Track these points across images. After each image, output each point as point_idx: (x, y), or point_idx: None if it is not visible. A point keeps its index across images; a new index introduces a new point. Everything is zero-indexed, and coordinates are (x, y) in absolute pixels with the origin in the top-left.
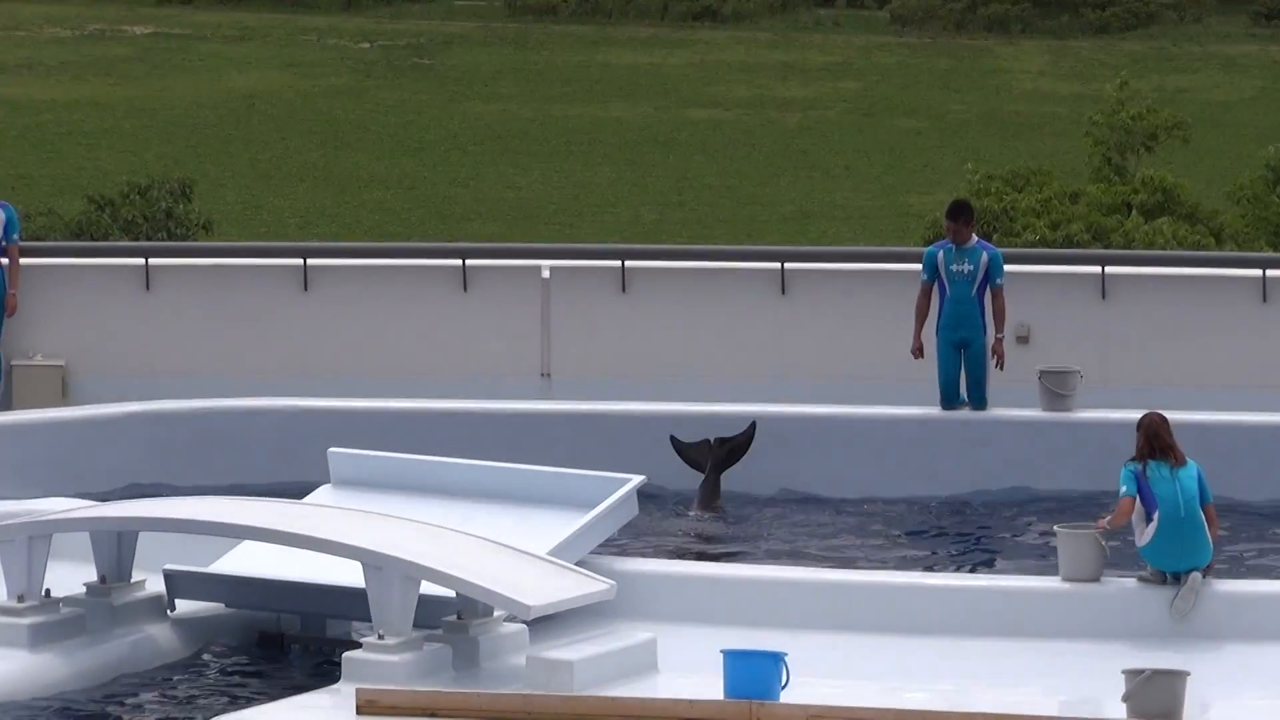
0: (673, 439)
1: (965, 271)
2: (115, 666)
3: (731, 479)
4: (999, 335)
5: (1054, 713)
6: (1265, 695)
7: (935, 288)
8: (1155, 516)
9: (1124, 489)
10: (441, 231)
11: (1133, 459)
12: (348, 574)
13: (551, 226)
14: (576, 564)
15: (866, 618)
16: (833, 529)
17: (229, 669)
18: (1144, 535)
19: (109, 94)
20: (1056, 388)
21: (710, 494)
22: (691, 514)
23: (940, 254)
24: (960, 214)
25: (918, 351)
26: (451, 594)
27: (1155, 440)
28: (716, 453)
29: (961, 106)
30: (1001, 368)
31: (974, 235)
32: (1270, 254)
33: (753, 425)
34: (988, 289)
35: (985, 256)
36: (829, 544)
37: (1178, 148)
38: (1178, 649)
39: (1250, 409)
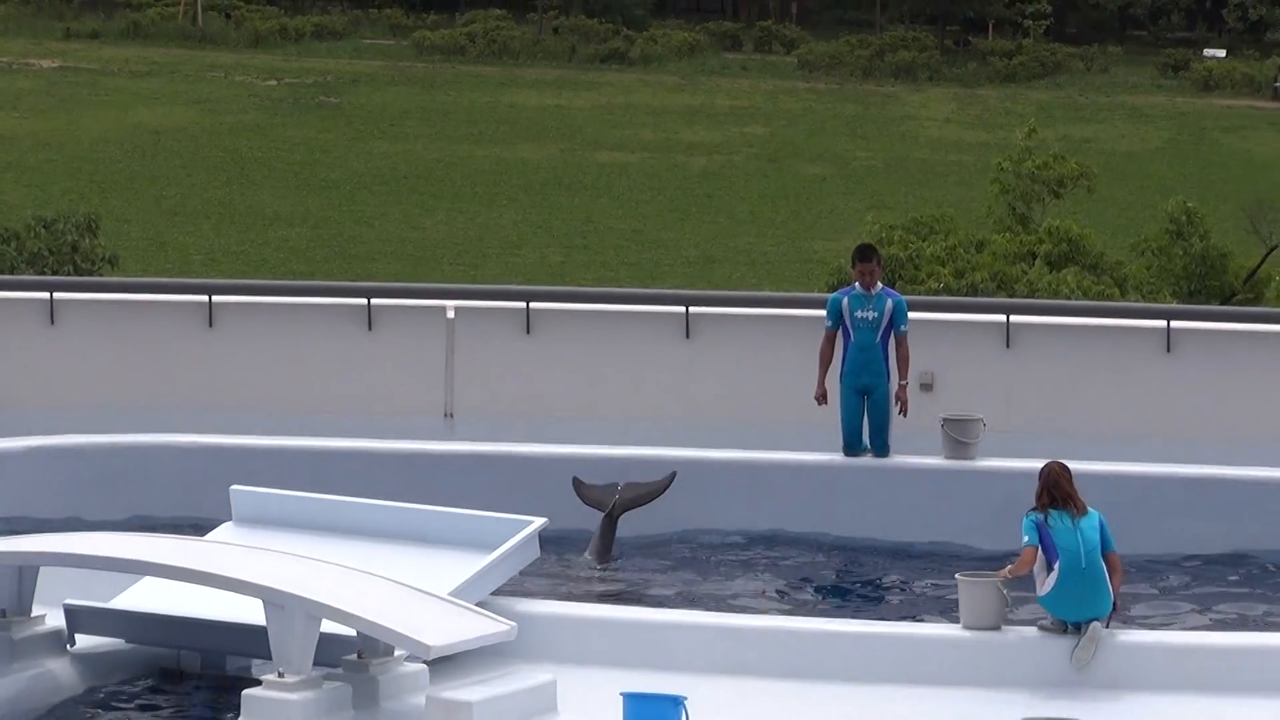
0: (575, 481)
1: (870, 318)
2: (14, 701)
3: (631, 523)
4: (903, 383)
5: None
6: None
7: (839, 334)
8: (1056, 566)
9: (1026, 538)
10: (346, 270)
11: (1034, 508)
12: (249, 611)
13: (456, 267)
14: (477, 605)
15: (768, 662)
16: (734, 573)
17: (129, 705)
18: (1044, 585)
19: (14, 127)
20: (960, 435)
21: (604, 543)
22: (583, 561)
23: (845, 300)
24: (871, 255)
25: (821, 398)
26: (352, 633)
27: (1055, 490)
28: (624, 494)
29: (867, 153)
30: (905, 415)
31: (880, 282)
32: (1174, 305)
33: (672, 475)
34: (891, 336)
35: (890, 303)
36: (730, 588)
37: (1083, 198)
38: (1077, 698)
39: (1153, 459)
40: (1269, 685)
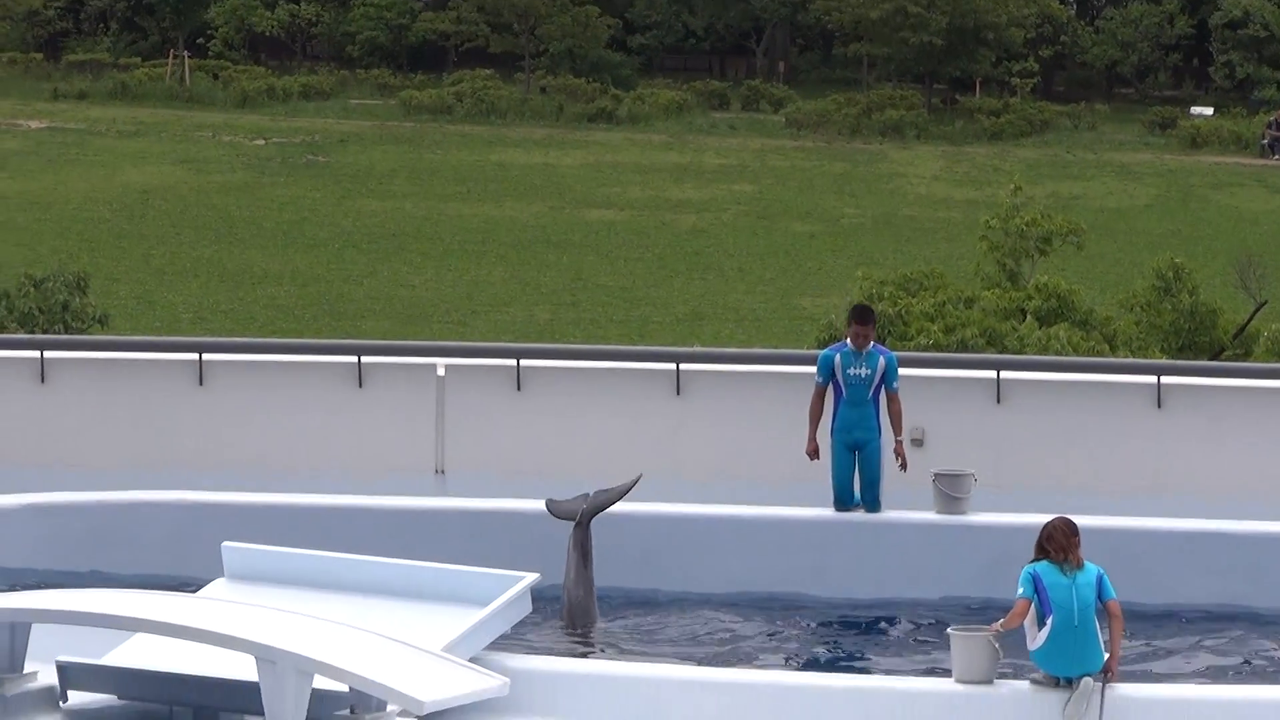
0: (549, 501)
1: (862, 375)
2: None
3: (623, 576)
4: (899, 439)
5: None
6: None
7: (829, 389)
8: (1049, 622)
9: (1021, 590)
10: (335, 328)
11: (1032, 560)
12: (241, 667)
13: (445, 325)
14: (470, 660)
15: (761, 717)
16: (726, 629)
17: None
18: (1036, 640)
19: (3, 187)
20: (951, 490)
21: (580, 554)
22: (562, 627)
23: (837, 357)
24: (870, 318)
25: (813, 453)
26: (345, 688)
27: (1050, 543)
28: (593, 501)
29: (856, 210)
30: (905, 469)
31: (871, 340)
32: (1164, 361)
33: (638, 477)
34: (882, 392)
35: (882, 361)
36: (722, 643)
37: (1071, 254)
38: None
39: (1144, 514)
40: None
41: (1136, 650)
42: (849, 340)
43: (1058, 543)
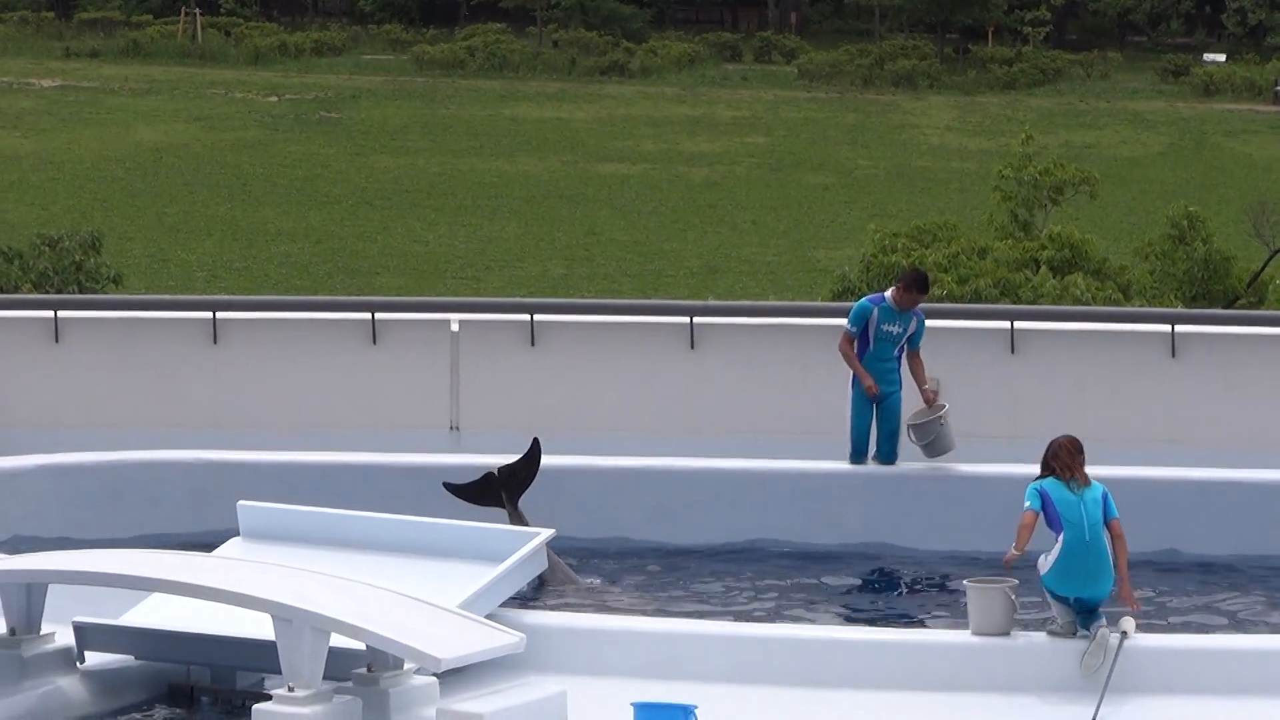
0: (446, 485)
1: (895, 333)
2: (24, 719)
3: (637, 530)
4: (925, 386)
5: None
6: None
7: (856, 340)
8: (1060, 540)
9: (1027, 504)
10: (349, 285)
11: (1039, 478)
12: (258, 626)
13: (459, 280)
14: (486, 617)
15: (777, 671)
16: (740, 582)
17: None
18: (1047, 562)
19: (16, 146)
20: (921, 439)
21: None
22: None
23: (876, 310)
24: (927, 287)
25: (873, 388)
26: (361, 646)
27: (1056, 460)
28: (507, 483)
29: (869, 162)
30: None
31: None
32: (1179, 309)
33: (535, 442)
34: (905, 350)
35: (915, 322)
36: (736, 597)
37: (1085, 203)
38: (1086, 703)
39: (1159, 463)
40: (1276, 687)
41: (1150, 601)
42: (892, 298)
43: (1063, 460)
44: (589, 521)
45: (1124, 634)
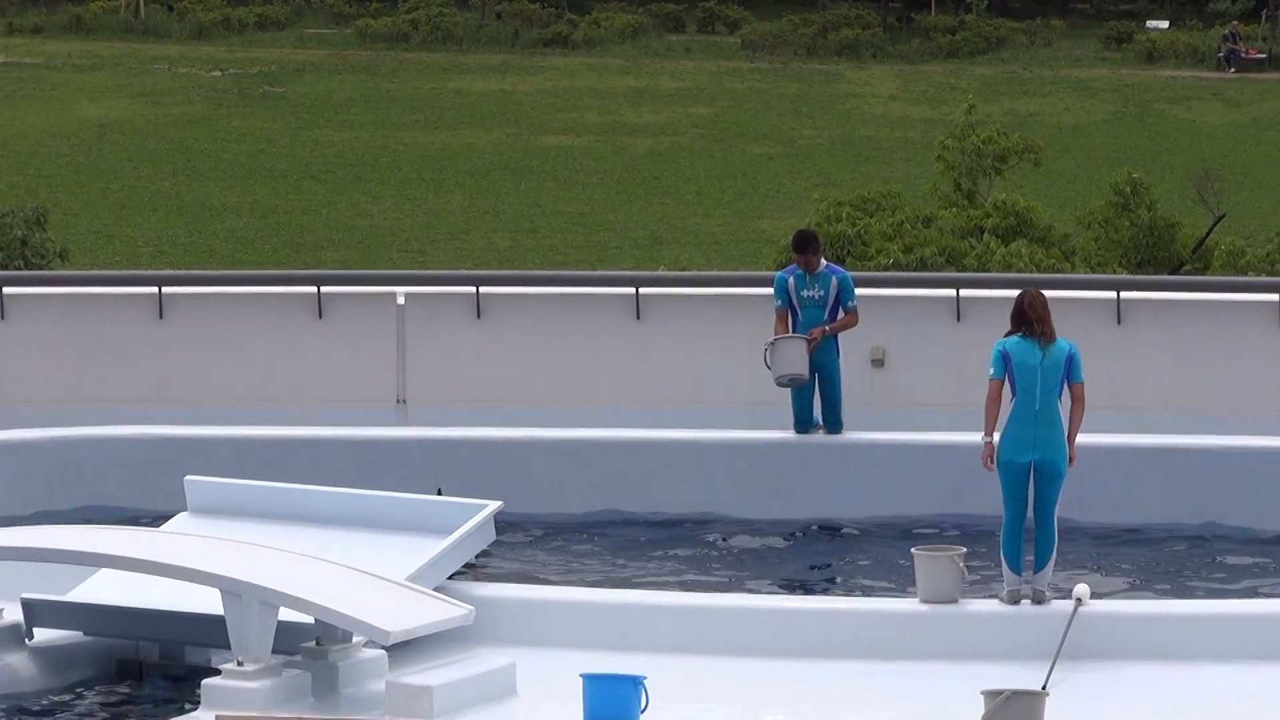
0: None
1: (816, 297)
2: None
3: (589, 502)
4: (825, 327)
5: None
6: (1122, 715)
7: (788, 313)
8: (1012, 404)
9: (991, 371)
10: (295, 259)
11: (1006, 334)
12: (206, 601)
13: (405, 254)
14: (434, 589)
15: (727, 641)
16: (689, 553)
17: (88, 697)
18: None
19: None
20: (783, 368)
21: None
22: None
23: (790, 280)
24: (807, 246)
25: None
26: (310, 620)
27: (1032, 310)
28: None
29: (813, 131)
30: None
31: (822, 260)
32: (1124, 276)
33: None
34: (840, 312)
35: (835, 280)
36: (686, 568)
37: (1029, 171)
38: (1036, 670)
39: (1105, 430)
40: (1228, 652)
41: (1100, 566)
42: (798, 264)
43: (1039, 311)
44: (536, 494)
45: (1078, 600)
